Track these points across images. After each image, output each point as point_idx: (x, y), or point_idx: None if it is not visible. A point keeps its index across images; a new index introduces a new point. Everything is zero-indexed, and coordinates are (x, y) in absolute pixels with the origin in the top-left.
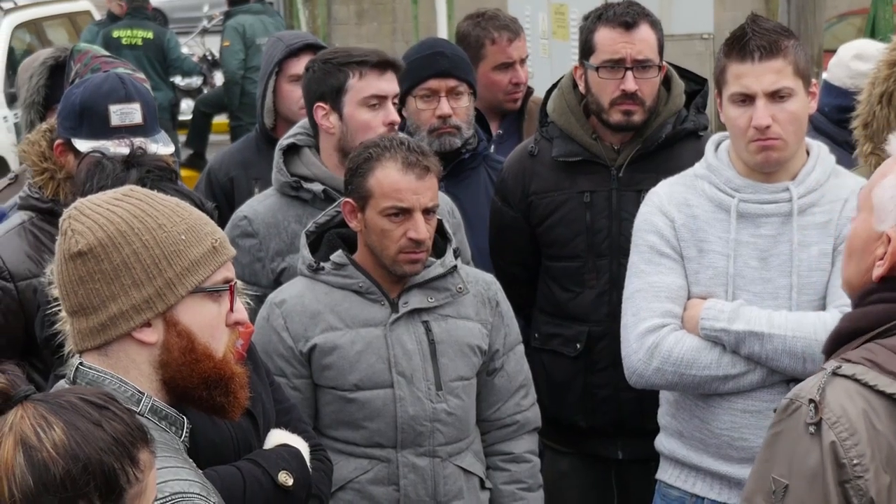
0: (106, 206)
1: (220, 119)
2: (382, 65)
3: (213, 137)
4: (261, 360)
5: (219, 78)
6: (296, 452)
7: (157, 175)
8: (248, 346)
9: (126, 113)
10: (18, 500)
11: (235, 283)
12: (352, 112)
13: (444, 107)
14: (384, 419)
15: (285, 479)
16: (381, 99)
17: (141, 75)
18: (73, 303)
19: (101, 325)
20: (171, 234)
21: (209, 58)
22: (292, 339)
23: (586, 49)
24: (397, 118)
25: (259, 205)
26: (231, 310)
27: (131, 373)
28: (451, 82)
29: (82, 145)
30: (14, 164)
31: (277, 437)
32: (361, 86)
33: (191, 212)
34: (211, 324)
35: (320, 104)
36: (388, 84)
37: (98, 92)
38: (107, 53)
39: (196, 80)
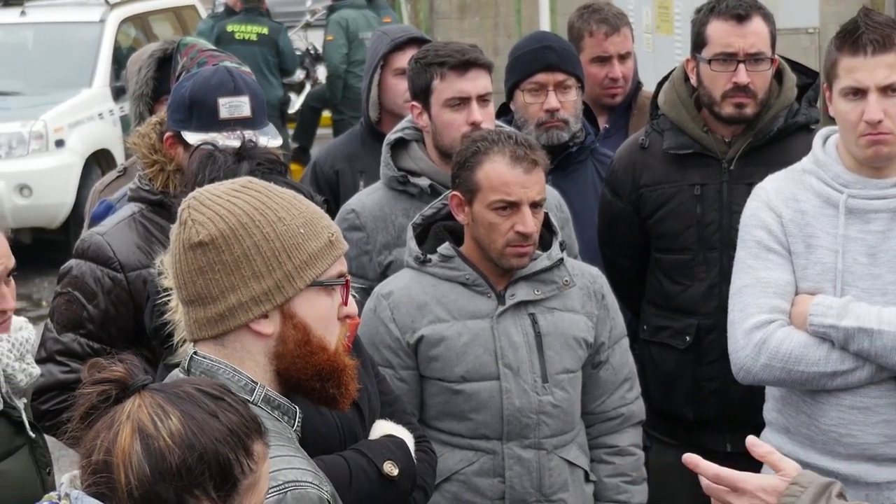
0: (226, 197)
1: (323, 113)
2: (464, 65)
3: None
4: (366, 351)
5: (321, 72)
6: (401, 443)
7: (267, 168)
8: (354, 337)
9: (235, 106)
10: (135, 488)
11: (349, 277)
12: (437, 112)
13: (552, 101)
14: (490, 411)
15: (391, 468)
16: (464, 99)
17: (247, 69)
18: (191, 292)
19: (219, 316)
20: (290, 227)
21: (312, 52)
22: (399, 330)
23: (698, 42)
24: (479, 118)
25: (367, 198)
26: (344, 303)
27: (246, 363)
28: (559, 76)
29: (191, 138)
30: (120, 157)
31: (383, 427)
32: (443, 87)
33: (308, 205)
34: (325, 316)
35: (414, 103)
36: (471, 84)
37: (207, 85)
38: (212, 47)
39: (298, 75)
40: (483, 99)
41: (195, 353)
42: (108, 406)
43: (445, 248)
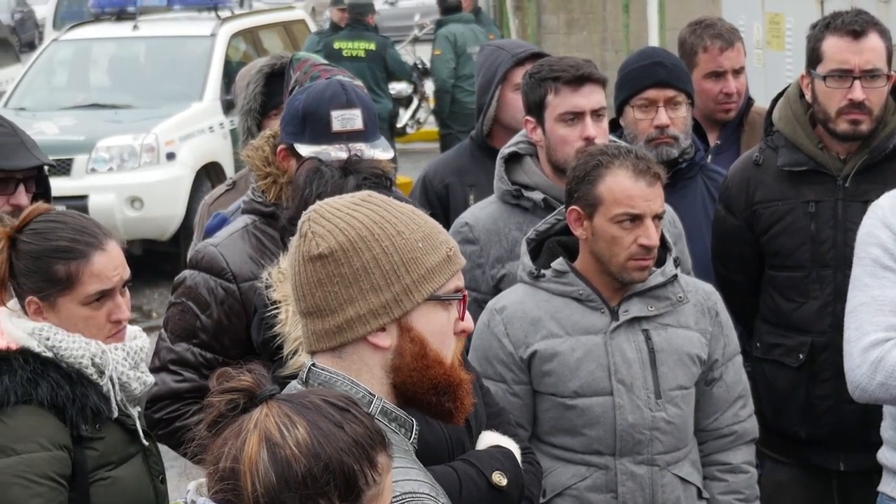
0: (346, 210)
1: (430, 127)
2: (579, 79)
3: (422, 145)
4: (470, 363)
5: (429, 87)
6: (508, 453)
7: (373, 182)
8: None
9: (347, 118)
10: (261, 496)
11: (466, 292)
12: (551, 127)
13: (662, 117)
14: (603, 426)
15: (499, 479)
16: (577, 114)
17: (360, 83)
18: (310, 304)
19: (337, 328)
20: (409, 241)
21: (419, 67)
22: (512, 345)
23: (813, 58)
24: (593, 133)
25: (480, 212)
26: (461, 318)
27: (363, 375)
28: (669, 92)
29: (304, 150)
30: (229, 170)
31: (489, 438)
32: (557, 102)
33: (426, 219)
34: (441, 331)
35: (528, 118)
36: (585, 99)
37: (320, 98)
38: (325, 62)
39: (406, 89)
40: (597, 114)
41: (313, 364)
42: (235, 415)
43: (559, 263)
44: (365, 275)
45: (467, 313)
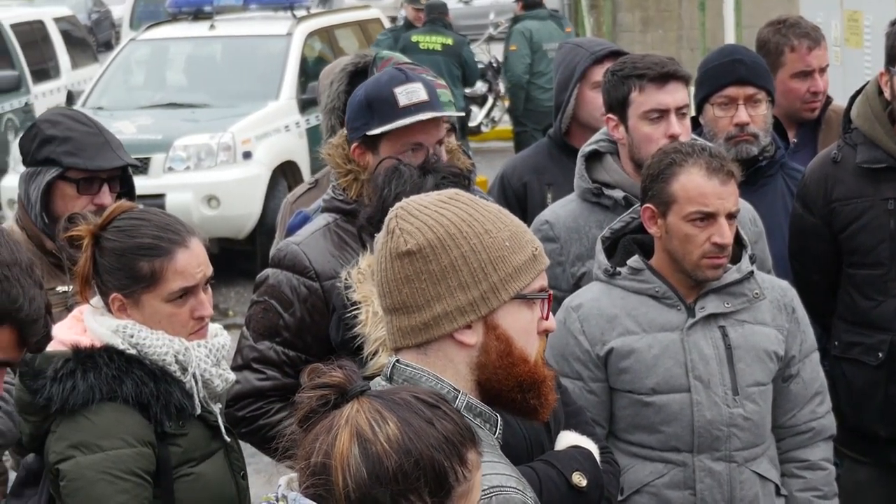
0: (434, 208)
1: (505, 126)
2: (663, 77)
3: (497, 144)
4: (547, 362)
5: (504, 85)
6: (588, 454)
7: (452, 181)
8: None
9: (411, 91)
10: (352, 491)
11: (551, 292)
12: (635, 125)
13: (742, 115)
14: (681, 423)
15: (579, 479)
16: (663, 112)
17: (442, 82)
18: (396, 301)
19: (424, 325)
20: (496, 240)
21: (494, 65)
22: (589, 342)
23: (892, 55)
24: (678, 130)
25: (561, 210)
26: (545, 318)
27: (448, 372)
28: (750, 90)
29: (377, 131)
30: (305, 169)
31: (568, 438)
32: (642, 100)
33: (512, 218)
34: (526, 329)
35: (610, 115)
36: (670, 96)
37: (379, 82)
38: (409, 61)
39: (481, 87)
40: (681, 111)
41: (397, 361)
42: (326, 410)
43: (635, 260)
44: (453, 272)
45: (550, 313)
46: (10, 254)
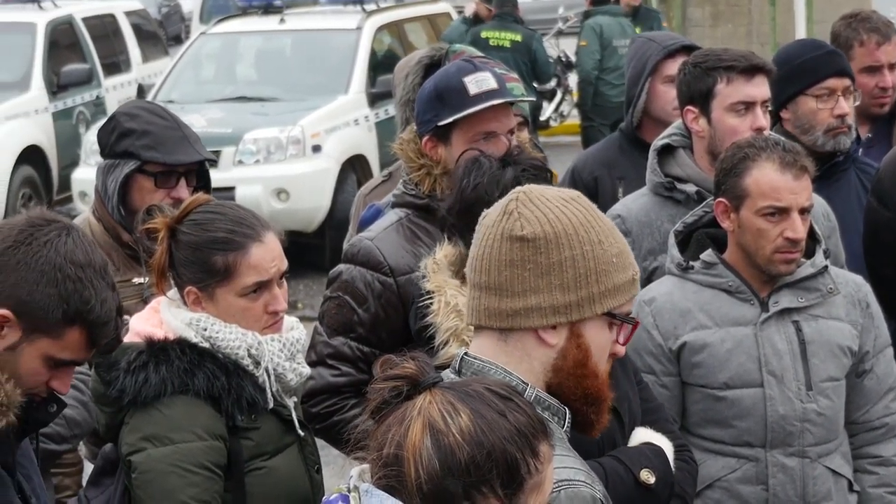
0: (556, 203)
1: (573, 121)
2: (751, 70)
3: (566, 139)
4: (629, 358)
5: (572, 80)
6: (659, 451)
7: (532, 174)
8: None
9: (481, 80)
10: (424, 482)
11: (637, 322)
12: (719, 117)
13: (844, 106)
14: (754, 418)
15: (647, 476)
16: (749, 104)
17: (514, 76)
18: (492, 280)
19: (513, 312)
20: (606, 253)
21: (563, 60)
22: (662, 336)
23: None
24: (765, 123)
25: (633, 204)
26: (620, 342)
27: (522, 365)
28: (846, 81)
29: (447, 120)
30: (374, 163)
31: (642, 435)
32: (729, 91)
33: (621, 237)
34: (603, 347)
35: (690, 107)
36: (757, 89)
37: (448, 73)
38: (481, 54)
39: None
40: (765, 105)
41: (465, 353)
42: (399, 402)
43: (708, 255)
44: (559, 270)
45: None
46: (85, 255)
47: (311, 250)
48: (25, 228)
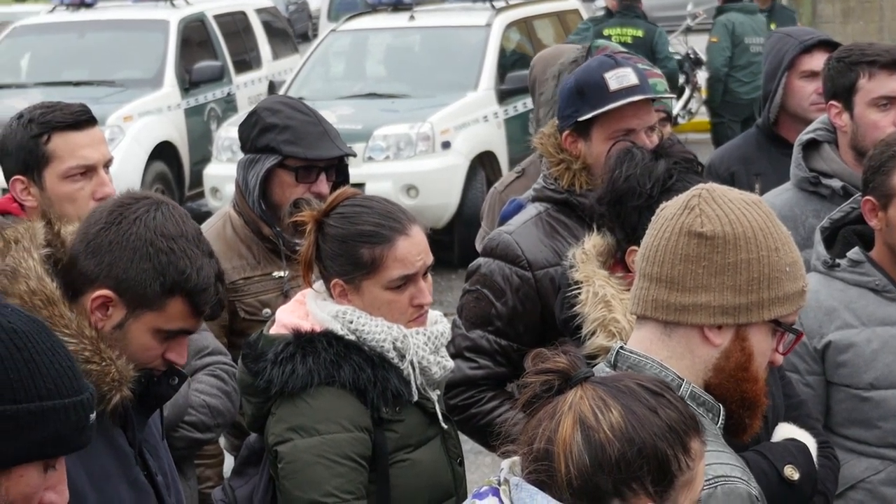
0: (739, 205)
1: (701, 118)
2: (894, 64)
3: (693, 136)
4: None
5: (701, 77)
6: (802, 447)
7: (684, 167)
8: None
9: (621, 76)
10: (574, 478)
11: (801, 334)
12: (861, 112)
13: None
14: None
15: (791, 472)
16: (892, 99)
17: (657, 71)
18: (665, 272)
19: (682, 307)
20: (781, 260)
21: (692, 56)
22: (807, 335)
23: None
24: None
25: (776, 199)
26: (780, 352)
27: (684, 360)
28: None
29: (588, 115)
30: (503, 160)
31: (785, 430)
32: (871, 86)
33: (795, 248)
34: (764, 353)
35: (833, 102)
36: None
37: (589, 68)
38: (624, 50)
39: (679, 78)
40: None
41: (621, 348)
42: (550, 396)
43: (855, 252)
44: (733, 272)
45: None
46: (176, 226)
47: (439, 247)
48: (115, 209)
